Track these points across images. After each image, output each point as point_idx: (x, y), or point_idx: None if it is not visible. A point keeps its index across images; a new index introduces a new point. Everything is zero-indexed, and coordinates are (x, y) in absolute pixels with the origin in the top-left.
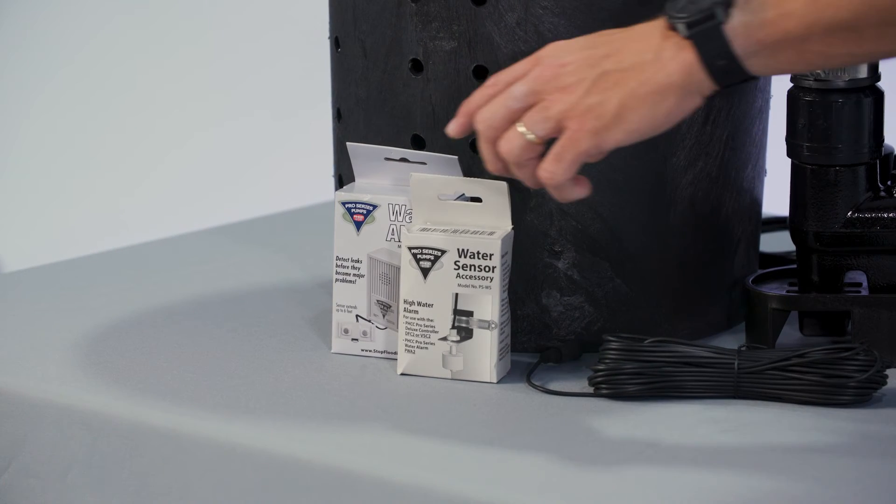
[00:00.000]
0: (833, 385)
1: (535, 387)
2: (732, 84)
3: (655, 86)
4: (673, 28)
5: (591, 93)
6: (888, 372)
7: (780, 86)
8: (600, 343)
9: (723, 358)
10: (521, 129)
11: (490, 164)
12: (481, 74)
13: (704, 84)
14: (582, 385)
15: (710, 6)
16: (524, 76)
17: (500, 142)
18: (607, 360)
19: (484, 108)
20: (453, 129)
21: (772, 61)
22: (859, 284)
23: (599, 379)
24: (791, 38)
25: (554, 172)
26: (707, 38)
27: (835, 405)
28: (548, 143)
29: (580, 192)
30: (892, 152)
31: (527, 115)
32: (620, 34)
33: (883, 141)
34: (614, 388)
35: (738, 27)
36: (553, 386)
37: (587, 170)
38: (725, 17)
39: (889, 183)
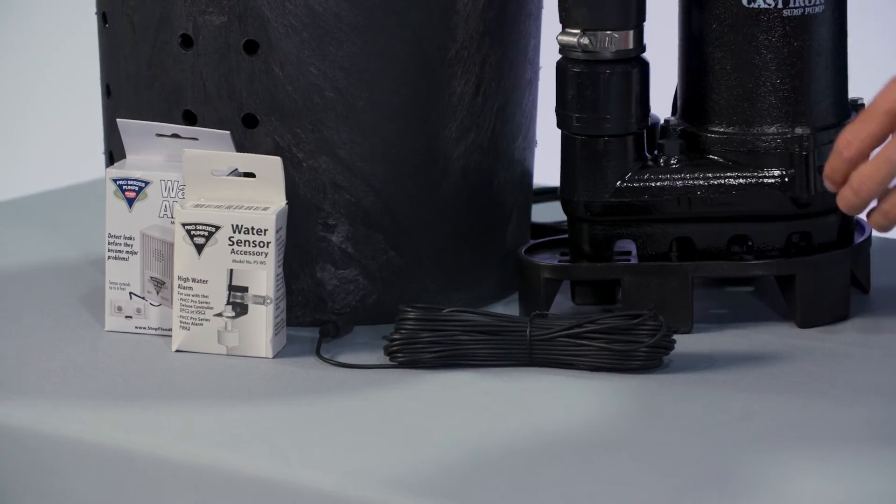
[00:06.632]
0: (624, 351)
1: (325, 360)
2: None
3: None
4: None
5: None
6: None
7: (550, 57)
8: (376, 316)
9: (515, 326)
10: None
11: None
12: (252, 49)
13: None
14: (372, 359)
15: None
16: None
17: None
18: (404, 330)
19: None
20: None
21: None
22: (629, 253)
23: (395, 348)
24: None
25: None
26: None
27: (626, 371)
28: None
29: None
30: (658, 122)
31: None
32: None
33: (649, 111)
34: (410, 356)
35: None
36: (342, 359)
37: (361, 143)
38: None
39: (656, 152)
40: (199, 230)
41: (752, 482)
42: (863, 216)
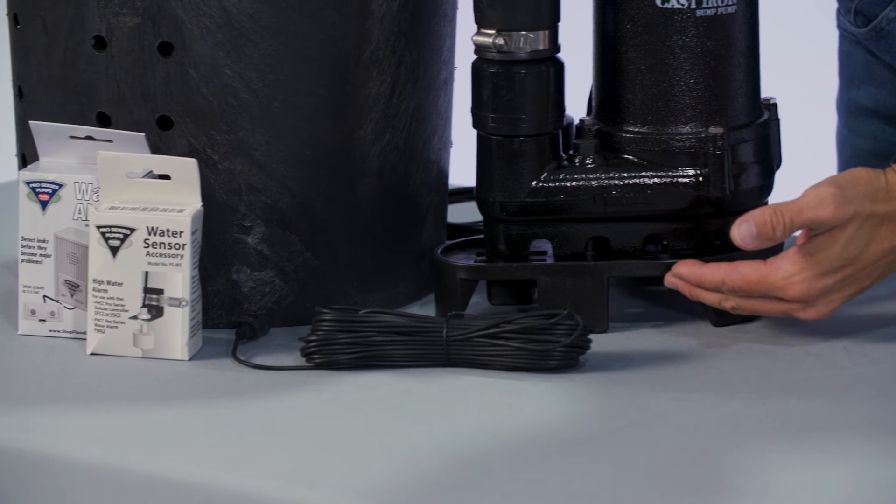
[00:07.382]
0: (540, 350)
1: (241, 362)
2: None
3: None
4: None
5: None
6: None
7: (466, 58)
8: (292, 318)
9: (432, 326)
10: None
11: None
12: (167, 50)
13: None
14: (289, 360)
15: None
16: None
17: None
18: (320, 332)
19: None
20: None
21: None
22: (544, 253)
23: (312, 349)
24: None
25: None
26: None
27: (543, 370)
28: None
29: None
30: (572, 122)
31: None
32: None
33: (564, 111)
34: (327, 357)
35: None
36: (259, 361)
37: (276, 145)
38: None
39: (571, 152)
40: (114, 232)
41: (666, 480)
42: None
